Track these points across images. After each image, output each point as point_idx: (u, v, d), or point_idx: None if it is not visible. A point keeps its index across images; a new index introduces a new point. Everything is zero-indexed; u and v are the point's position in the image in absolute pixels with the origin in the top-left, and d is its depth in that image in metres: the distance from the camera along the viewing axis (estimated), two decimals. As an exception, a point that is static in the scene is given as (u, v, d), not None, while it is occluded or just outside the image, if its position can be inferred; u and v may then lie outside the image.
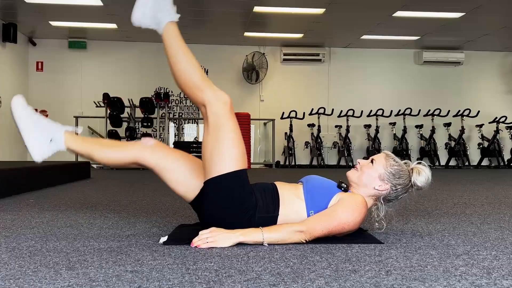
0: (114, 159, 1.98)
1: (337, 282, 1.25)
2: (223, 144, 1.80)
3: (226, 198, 1.80)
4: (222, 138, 1.81)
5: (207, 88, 1.87)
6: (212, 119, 1.83)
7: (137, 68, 10.81)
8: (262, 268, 1.39)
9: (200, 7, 8.28)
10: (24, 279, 1.26)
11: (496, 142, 10.71)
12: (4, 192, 3.46)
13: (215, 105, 1.83)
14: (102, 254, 1.58)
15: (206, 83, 1.89)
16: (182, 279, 1.27)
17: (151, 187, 4.49)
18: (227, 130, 1.81)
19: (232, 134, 1.82)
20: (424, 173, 1.90)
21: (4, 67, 9.39)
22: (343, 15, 8.67)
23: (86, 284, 1.22)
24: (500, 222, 2.37)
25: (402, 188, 1.90)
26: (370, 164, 1.92)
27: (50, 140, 1.91)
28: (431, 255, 1.59)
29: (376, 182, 1.89)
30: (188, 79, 1.89)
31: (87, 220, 2.36)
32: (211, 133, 1.83)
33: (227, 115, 1.83)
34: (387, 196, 1.90)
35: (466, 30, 9.64)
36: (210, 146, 1.82)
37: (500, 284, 1.24)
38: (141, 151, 1.90)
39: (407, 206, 2.93)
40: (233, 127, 1.84)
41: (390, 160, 1.91)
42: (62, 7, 8.25)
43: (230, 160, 1.80)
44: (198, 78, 1.89)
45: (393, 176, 1.89)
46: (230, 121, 1.83)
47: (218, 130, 1.81)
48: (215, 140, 1.81)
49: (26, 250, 1.65)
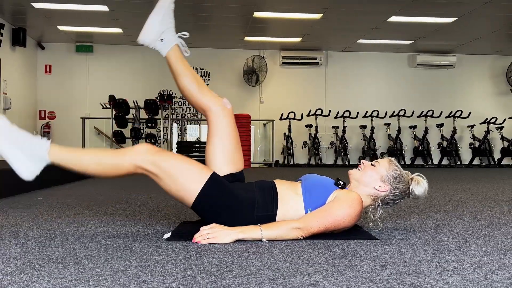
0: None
1: (334, 277, 1.25)
2: (178, 175, 1.78)
3: (216, 205, 1.81)
4: (172, 173, 1.77)
5: (123, 158, 1.79)
6: (152, 169, 1.77)
7: (141, 71, 10.80)
8: (262, 263, 1.39)
9: (202, 12, 8.28)
10: (33, 274, 1.26)
11: (486, 142, 10.72)
12: (14, 190, 3.47)
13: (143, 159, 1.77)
14: (108, 250, 1.58)
15: (119, 156, 1.81)
16: (185, 274, 1.27)
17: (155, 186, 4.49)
18: (170, 165, 1.78)
19: (175, 162, 1.79)
20: (422, 184, 1.93)
21: (14, 70, 9.39)
22: (340, 20, 8.67)
23: (93, 278, 1.22)
24: (490, 219, 2.37)
25: (400, 192, 1.91)
26: (373, 166, 1.93)
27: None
28: (424, 251, 1.59)
29: (377, 182, 1.90)
30: (108, 169, 1.80)
31: (93, 217, 2.36)
32: (162, 179, 1.79)
33: (157, 156, 1.77)
34: (385, 198, 1.91)
35: (458, 35, 9.64)
36: (170, 187, 1.80)
37: (490, 278, 1.24)
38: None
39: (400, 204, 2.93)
40: (170, 158, 1.79)
41: (393, 165, 1.94)
42: (69, 12, 8.25)
43: (194, 179, 1.79)
44: (111, 161, 1.80)
45: (394, 180, 1.90)
46: (164, 157, 1.78)
47: (165, 171, 1.77)
48: (170, 179, 1.78)
49: (35, 245, 1.65)
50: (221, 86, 10.99)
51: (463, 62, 11.44)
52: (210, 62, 10.92)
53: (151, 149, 1.79)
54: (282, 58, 10.98)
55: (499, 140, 10.96)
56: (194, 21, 8.81)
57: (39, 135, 1.87)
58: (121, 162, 1.78)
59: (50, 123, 10.59)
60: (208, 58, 10.89)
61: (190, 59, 2.10)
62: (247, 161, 9.73)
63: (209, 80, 10.98)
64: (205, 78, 10.97)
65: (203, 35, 9.74)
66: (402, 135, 10.88)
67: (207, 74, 10.99)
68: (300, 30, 9.39)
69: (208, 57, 10.88)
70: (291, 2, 7.68)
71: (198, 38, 10.01)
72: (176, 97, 10.88)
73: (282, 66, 11.15)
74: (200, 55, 10.80)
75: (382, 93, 11.34)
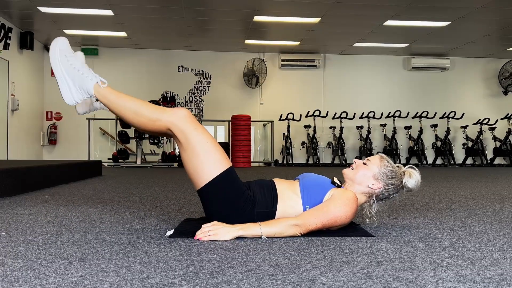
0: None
1: (331, 273, 1.25)
2: (201, 153, 1.77)
3: (223, 198, 1.79)
4: (198, 149, 1.77)
5: (161, 115, 1.79)
6: (180, 136, 1.78)
7: (145, 73, 10.80)
8: (262, 260, 1.39)
9: (204, 16, 8.28)
10: (40, 270, 1.26)
11: (479, 142, 10.72)
12: (22, 188, 3.47)
13: (176, 123, 1.77)
14: (112, 247, 1.57)
15: (157, 112, 1.81)
16: (187, 270, 1.27)
17: (158, 184, 4.49)
18: (198, 140, 1.77)
19: (204, 140, 1.78)
20: (415, 176, 1.91)
21: (22, 72, 9.39)
22: (337, 24, 8.67)
23: (98, 274, 1.22)
24: (483, 217, 2.37)
25: (394, 188, 1.90)
26: (365, 164, 1.93)
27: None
28: (419, 247, 1.59)
29: (370, 180, 1.89)
30: (142, 121, 1.82)
31: (98, 215, 2.36)
32: (186, 149, 1.79)
33: (191, 126, 1.78)
34: (379, 194, 1.90)
35: (452, 38, 9.64)
36: (190, 160, 1.79)
37: (483, 274, 1.24)
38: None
39: (396, 202, 2.93)
40: (202, 134, 1.78)
41: (384, 162, 1.92)
42: (75, 16, 8.26)
43: (214, 165, 1.78)
44: (148, 114, 1.81)
45: (387, 176, 1.89)
46: (197, 131, 1.78)
47: (190, 144, 1.77)
48: (193, 153, 1.77)
49: (42, 242, 1.65)
50: (222, 88, 11.00)
51: (456, 65, 11.44)
52: (211, 65, 10.92)
53: (188, 117, 1.79)
54: (281, 61, 10.98)
55: (492, 140, 10.97)
56: (197, 25, 8.81)
57: (92, 70, 1.88)
58: (158, 118, 1.79)
59: (56, 124, 10.59)
60: (210, 61, 10.89)
61: (194, 61, 2.10)
62: (248, 161, 9.73)
63: (210, 82, 10.98)
64: (207, 80, 10.97)
65: (205, 38, 9.75)
66: (397, 135, 10.88)
67: (209, 76, 10.99)
68: (298, 34, 9.40)
69: (210, 59, 10.88)
70: (290, 7, 7.68)
71: (200, 42, 10.01)
72: (179, 98, 10.88)
73: (281, 69, 11.16)
74: (202, 58, 10.81)
75: (378, 95, 11.34)
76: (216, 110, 10.89)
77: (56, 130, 10.56)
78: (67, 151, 10.53)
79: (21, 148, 9.35)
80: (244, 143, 9.70)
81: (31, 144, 9.96)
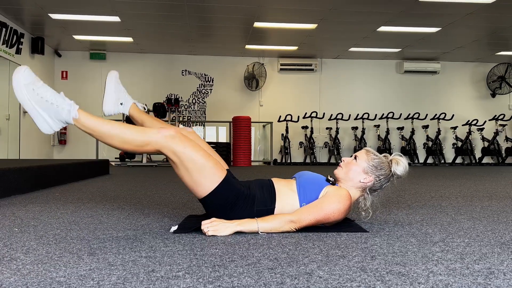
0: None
1: (328, 266, 1.25)
2: (195, 171, 1.73)
3: (225, 203, 1.79)
4: (191, 167, 1.73)
5: (149, 139, 1.71)
6: (172, 157, 1.74)
7: (150, 76, 10.80)
8: (261, 254, 1.39)
9: (206, 22, 8.28)
10: (51, 264, 1.26)
11: (468, 142, 10.72)
12: (33, 186, 3.47)
13: (165, 145, 1.72)
14: (119, 242, 1.58)
15: (144, 136, 1.72)
16: (191, 264, 1.27)
17: (163, 182, 4.49)
18: (190, 158, 1.72)
19: (196, 157, 1.73)
20: (401, 163, 1.89)
21: (33, 76, 9.37)
22: (333, 30, 8.67)
23: (106, 268, 1.22)
24: (472, 213, 2.37)
25: (384, 178, 1.89)
26: (354, 161, 1.91)
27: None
28: (411, 242, 1.59)
29: (361, 175, 1.88)
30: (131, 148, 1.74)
31: (106, 212, 2.36)
32: (179, 168, 1.75)
33: (180, 145, 1.72)
34: (372, 187, 1.89)
35: (442, 43, 9.64)
36: (185, 176, 1.76)
37: (472, 268, 1.24)
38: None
39: (389, 199, 2.93)
40: (192, 151, 1.72)
41: (371, 155, 1.90)
42: (84, 22, 8.26)
43: (211, 178, 1.75)
44: (136, 141, 1.72)
45: (375, 168, 1.88)
46: (187, 149, 1.72)
47: (183, 163, 1.73)
48: (187, 171, 1.74)
49: (52, 238, 1.65)
50: (224, 91, 11.00)
51: (446, 69, 11.45)
52: (213, 69, 10.92)
53: (176, 137, 1.72)
54: (280, 65, 10.98)
55: (480, 140, 10.97)
56: (199, 31, 8.81)
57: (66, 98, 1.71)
58: (146, 143, 1.72)
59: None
60: (212, 65, 10.89)
61: (197, 65, 2.12)
62: (248, 160, 9.74)
63: (212, 85, 10.97)
64: (209, 83, 10.97)
65: (207, 43, 9.74)
66: (390, 136, 10.88)
67: (211, 80, 10.98)
68: (296, 39, 9.39)
69: (211, 63, 10.88)
70: (288, 14, 7.68)
71: (203, 47, 10.01)
72: (183, 100, 10.87)
73: (280, 72, 11.15)
74: (204, 62, 10.81)
75: (372, 97, 11.34)
76: (218, 111, 10.89)
77: (66, 130, 10.56)
78: (76, 151, 10.53)
79: (32, 148, 9.35)
80: (245, 143, 9.71)
81: (42, 144, 9.96)
